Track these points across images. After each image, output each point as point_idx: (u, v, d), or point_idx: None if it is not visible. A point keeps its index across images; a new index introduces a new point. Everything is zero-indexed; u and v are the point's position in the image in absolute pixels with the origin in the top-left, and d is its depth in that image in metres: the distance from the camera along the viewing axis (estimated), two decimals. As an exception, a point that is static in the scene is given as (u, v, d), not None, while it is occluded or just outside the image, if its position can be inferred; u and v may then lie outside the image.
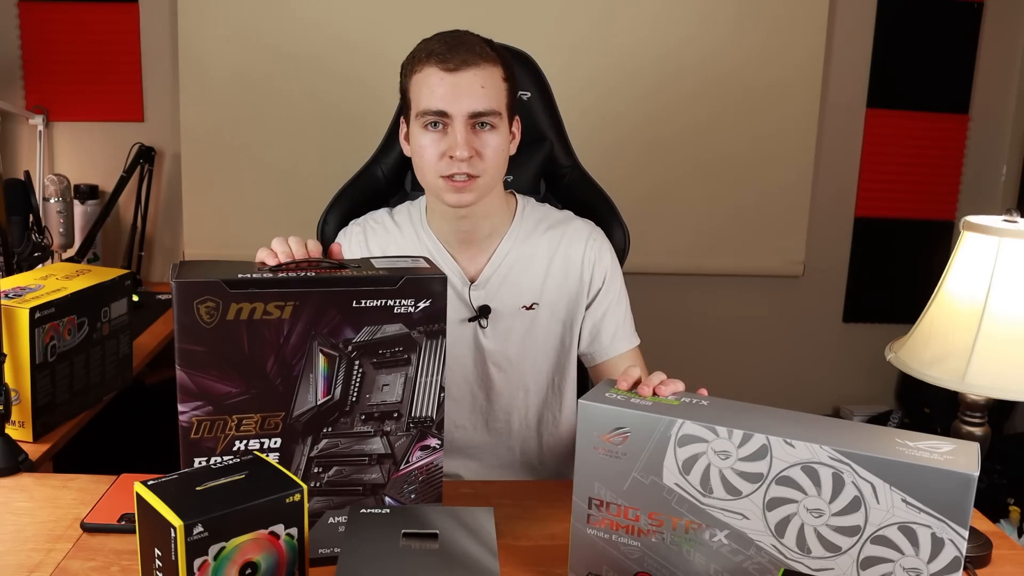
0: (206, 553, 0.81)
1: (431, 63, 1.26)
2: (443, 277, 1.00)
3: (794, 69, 2.74)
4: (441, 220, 1.38)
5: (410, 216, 1.43)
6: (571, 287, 1.41)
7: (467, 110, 1.25)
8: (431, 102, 1.26)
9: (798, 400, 2.96)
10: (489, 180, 1.30)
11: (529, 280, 1.40)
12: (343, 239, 1.44)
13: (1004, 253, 1.10)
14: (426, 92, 1.27)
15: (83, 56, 2.59)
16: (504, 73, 1.30)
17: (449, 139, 1.26)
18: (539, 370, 1.44)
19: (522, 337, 1.41)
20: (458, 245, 1.39)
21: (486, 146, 1.28)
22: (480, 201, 1.32)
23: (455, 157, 1.26)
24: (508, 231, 1.40)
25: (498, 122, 1.29)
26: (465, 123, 1.26)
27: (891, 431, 0.91)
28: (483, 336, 1.39)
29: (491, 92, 1.27)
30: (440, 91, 1.25)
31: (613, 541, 0.96)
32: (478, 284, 1.39)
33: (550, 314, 1.41)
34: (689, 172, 2.77)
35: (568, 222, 1.44)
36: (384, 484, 1.03)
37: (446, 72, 1.25)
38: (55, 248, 2.37)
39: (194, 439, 0.95)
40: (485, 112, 1.26)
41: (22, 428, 1.36)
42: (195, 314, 0.92)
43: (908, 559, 0.84)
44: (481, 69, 1.26)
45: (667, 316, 2.78)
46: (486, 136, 1.28)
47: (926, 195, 2.94)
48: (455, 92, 1.25)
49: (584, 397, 0.96)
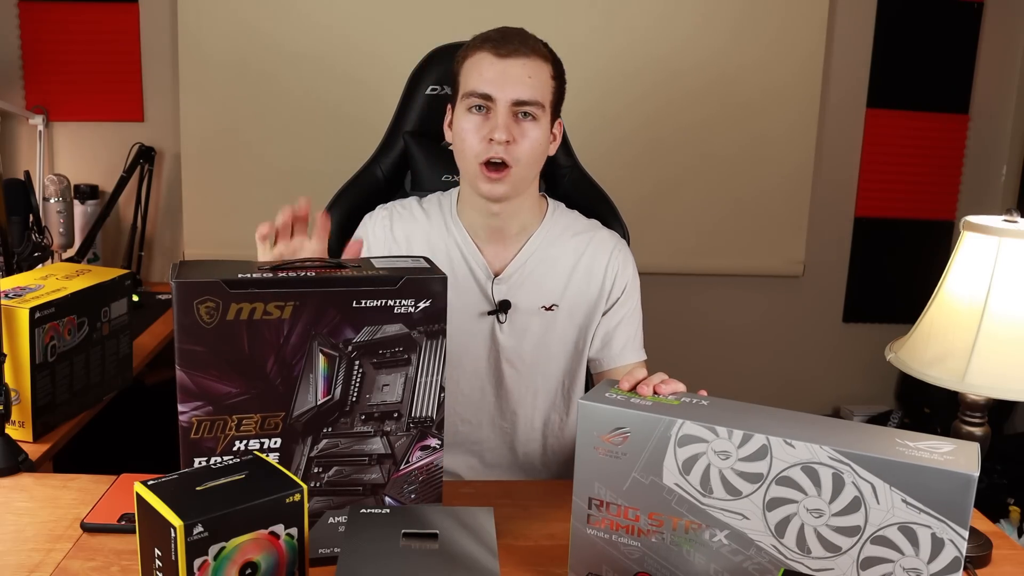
0: (206, 553, 0.81)
1: (485, 48, 1.31)
2: (443, 277, 1.00)
3: (794, 69, 2.74)
4: (473, 212, 1.40)
5: (440, 206, 1.45)
6: (592, 293, 1.43)
7: (512, 96, 1.29)
8: (479, 84, 1.30)
9: (798, 400, 2.96)
10: (523, 171, 1.32)
11: (552, 281, 1.41)
12: (368, 221, 1.45)
13: (1004, 253, 1.10)
14: (475, 75, 1.31)
15: (83, 56, 2.59)
16: (553, 72, 1.34)
17: (491, 123, 1.30)
18: (550, 372, 1.44)
19: (538, 337, 1.41)
20: (486, 239, 1.41)
21: (525, 135, 1.30)
22: (513, 196, 1.35)
23: (494, 140, 1.28)
24: (537, 231, 1.42)
25: (540, 114, 1.31)
26: (508, 109, 1.29)
27: (891, 431, 0.91)
28: (500, 332, 1.40)
29: (537, 84, 1.30)
30: (489, 75, 1.29)
31: (613, 541, 0.96)
32: (501, 279, 1.40)
33: (568, 317, 1.42)
34: (689, 172, 2.77)
35: (596, 230, 1.46)
36: (384, 484, 1.03)
37: (497, 57, 1.30)
38: (55, 248, 2.37)
39: (194, 439, 0.95)
40: (529, 101, 1.30)
41: (22, 428, 1.36)
42: (195, 314, 0.92)
43: (908, 559, 0.84)
44: (531, 60, 1.30)
45: (667, 316, 2.78)
46: (526, 125, 1.31)
47: (926, 195, 2.94)
48: (503, 78, 1.29)
49: (584, 397, 0.96)
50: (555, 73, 1.34)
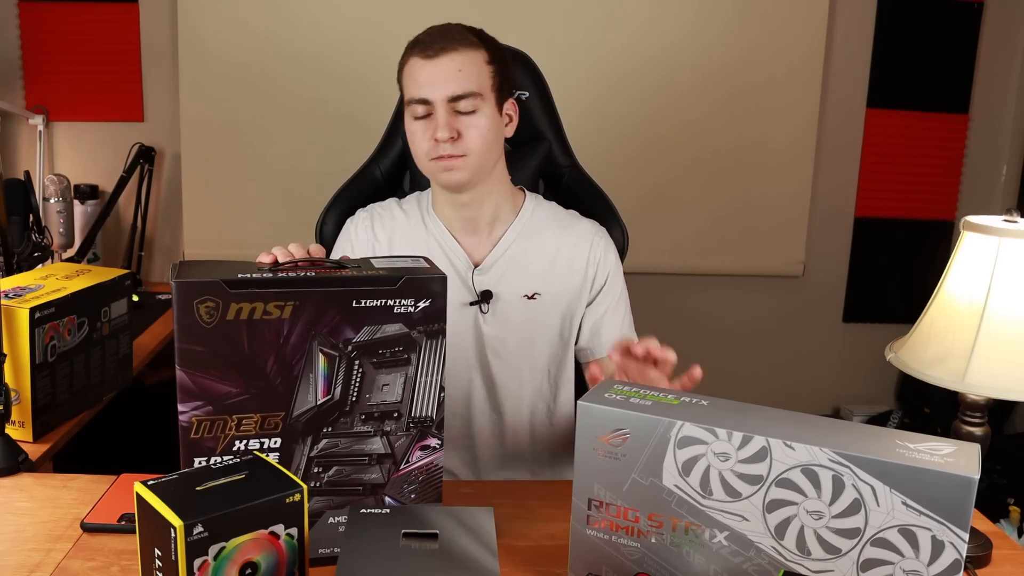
0: (206, 553, 0.81)
1: (415, 53, 1.33)
2: (443, 277, 1.00)
3: (794, 69, 2.74)
4: (445, 206, 1.42)
5: (418, 204, 1.47)
6: (574, 282, 1.44)
7: (445, 94, 1.30)
8: (414, 90, 1.32)
9: (798, 400, 2.96)
10: (477, 159, 1.33)
11: (533, 270, 1.42)
12: (350, 226, 1.47)
13: (1004, 253, 1.10)
14: (411, 81, 1.33)
15: (83, 56, 2.59)
16: (488, 56, 1.34)
17: (433, 123, 1.31)
18: (536, 361, 1.45)
19: (522, 326, 1.42)
20: (463, 231, 1.42)
21: (468, 128, 1.32)
22: (475, 182, 1.36)
23: (438, 139, 1.30)
24: (515, 221, 1.43)
25: (480, 104, 1.32)
26: (445, 107, 1.30)
27: (891, 433, 0.90)
28: (483, 322, 1.41)
29: (469, 74, 1.31)
30: (421, 78, 1.31)
31: (613, 542, 0.96)
32: (482, 269, 1.41)
33: (551, 306, 1.43)
34: (689, 172, 2.77)
35: (575, 221, 1.48)
36: (384, 484, 1.03)
37: (425, 59, 1.31)
38: (55, 248, 2.37)
39: (194, 439, 0.95)
40: (463, 95, 1.30)
41: (22, 428, 1.36)
42: (195, 314, 0.92)
43: (908, 561, 0.84)
44: (459, 53, 1.31)
45: (667, 316, 2.76)
46: (467, 119, 1.32)
47: (926, 195, 2.94)
48: (434, 78, 1.30)
49: (584, 398, 0.96)
50: (491, 58, 1.34)
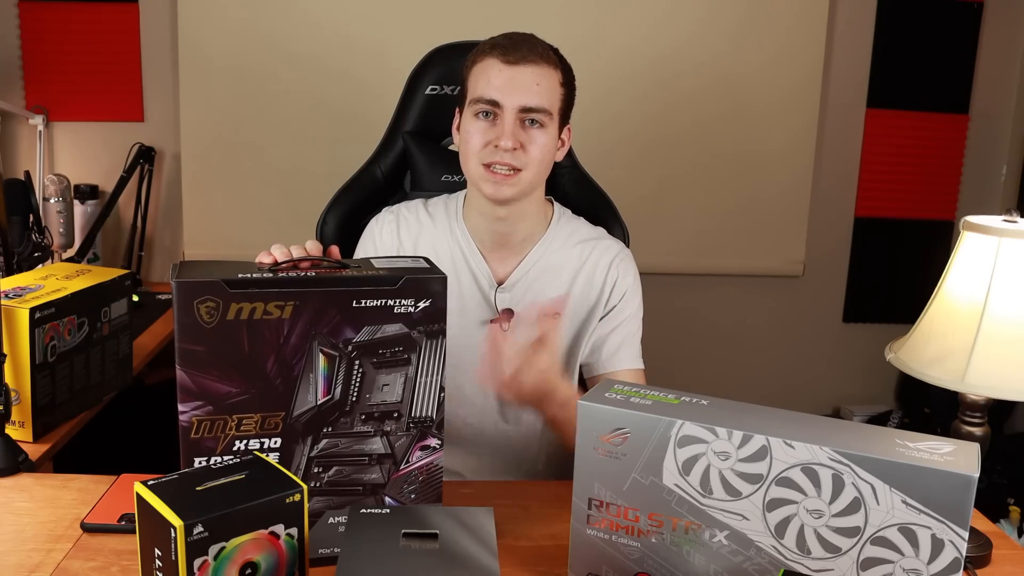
0: (206, 553, 0.81)
1: (493, 55, 1.31)
2: (443, 277, 1.00)
3: (794, 69, 2.74)
4: (479, 218, 1.40)
5: (446, 209, 1.44)
6: (590, 299, 1.43)
7: (518, 103, 1.29)
8: (486, 91, 1.30)
9: (798, 400, 2.96)
10: (531, 177, 1.32)
11: (555, 290, 1.41)
12: (375, 227, 1.45)
13: (1004, 253, 1.10)
14: (483, 81, 1.31)
15: (83, 56, 2.59)
16: (562, 78, 1.34)
17: (497, 129, 1.30)
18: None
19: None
20: (491, 246, 1.41)
21: (532, 142, 1.31)
22: (519, 201, 1.34)
23: (500, 146, 1.29)
24: (542, 238, 1.42)
25: (548, 121, 1.31)
26: (515, 116, 1.29)
27: (891, 432, 0.91)
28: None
29: (545, 91, 1.30)
30: (497, 82, 1.29)
31: (613, 541, 0.96)
32: (505, 287, 1.40)
33: (567, 322, 1.42)
34: (689, 172, 2.77)
35: (600, 238, 1.46)
36: (384, 484, 1.03)
37: (505, 64, 1.29)
38: (55, 248, 2.37)
39: (194, 439, 0.95)
40: (536, 108, 1.30)
41: (22, 428, 1.36)
42: (195, 314, 0.92)
43: (908, 560, 0.84)
44: (539, 67, 1.30)
45: (667, 316, 2.78)
46: (534, 132, 1.31)
47: (926, 195, 2.93)
48: (510, 84, 1.29)
49: (584, 397, 0.96)
50: (564, 80, 1.34)
